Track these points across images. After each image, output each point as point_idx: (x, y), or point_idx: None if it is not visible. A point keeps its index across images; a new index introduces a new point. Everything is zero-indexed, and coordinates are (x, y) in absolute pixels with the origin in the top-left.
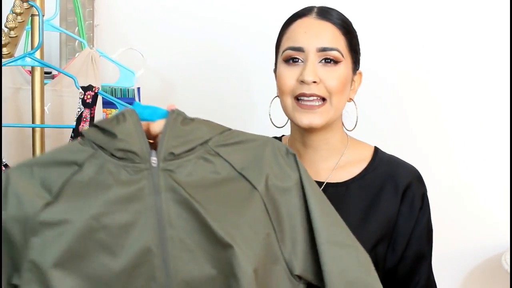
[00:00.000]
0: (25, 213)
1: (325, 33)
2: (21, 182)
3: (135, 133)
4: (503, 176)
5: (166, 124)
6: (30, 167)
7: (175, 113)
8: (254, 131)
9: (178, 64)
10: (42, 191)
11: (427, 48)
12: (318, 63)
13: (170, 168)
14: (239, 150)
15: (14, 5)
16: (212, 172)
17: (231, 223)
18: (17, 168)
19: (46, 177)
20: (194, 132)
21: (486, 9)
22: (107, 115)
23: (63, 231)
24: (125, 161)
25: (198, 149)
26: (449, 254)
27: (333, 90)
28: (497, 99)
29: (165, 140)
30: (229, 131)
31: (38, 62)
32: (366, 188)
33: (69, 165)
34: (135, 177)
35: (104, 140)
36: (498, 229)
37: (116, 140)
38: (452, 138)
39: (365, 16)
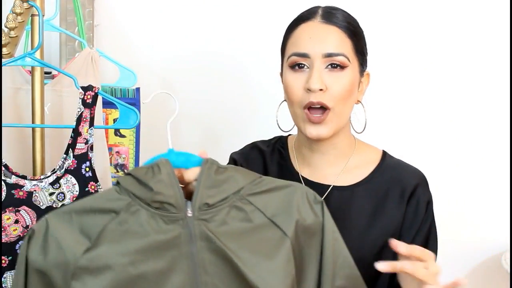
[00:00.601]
0: (66, 259)
1: (331, 38)
2: (61, 228)
3: (170, 185)
4: (503, 177)
5: (201, 174)
6: (69, 213)
7: (209, 162)
8: (254, 132)
9: (178, 64)
10: (81, 237)
11: (434, 49)
12: (324, 68)
13: (204, 217)
14: (270, 197)
15: (14, 5)
16: (245, 220)
17: (263, 269)
18: (56, 214)
19: (85, 224)
20: (228, 182)
21: (493, 10)
22: (107, 115)
23: (102, 277)
24: (161, 211)
25: (231, 198)
26: (449, 254)
27: (339, 98)
28: (497, 99)
29: (200, 190)
30: (260, 179)
31: (38, 62)
32: (372, 192)
33: (107, 212)
34: (171, 226)
35: (141, 191)
36: (498, 229)
37: (153, 192)
38: (452, 138)
39: (372, 17)
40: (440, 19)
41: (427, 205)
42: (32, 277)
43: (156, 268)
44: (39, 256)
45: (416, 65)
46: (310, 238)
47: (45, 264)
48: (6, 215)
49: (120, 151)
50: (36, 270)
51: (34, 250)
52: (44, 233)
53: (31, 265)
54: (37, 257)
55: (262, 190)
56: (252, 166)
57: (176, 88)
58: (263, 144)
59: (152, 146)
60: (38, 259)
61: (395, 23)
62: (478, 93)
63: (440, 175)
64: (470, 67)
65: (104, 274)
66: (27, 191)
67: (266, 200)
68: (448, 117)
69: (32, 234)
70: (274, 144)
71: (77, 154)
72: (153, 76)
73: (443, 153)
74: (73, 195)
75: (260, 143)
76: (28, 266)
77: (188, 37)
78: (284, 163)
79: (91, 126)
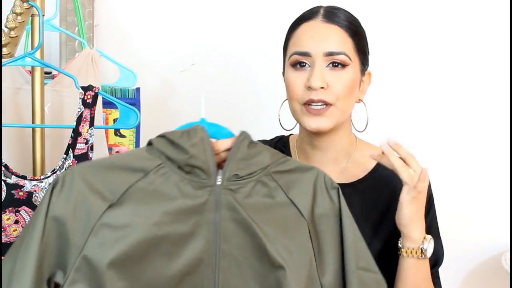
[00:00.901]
0: (88, 212)
1: (332, 37)
2: (86, 180)
3: (204, 151)
4: (503, 177)
5: (234, 146)
6: (96, 168)
7: (243, 135)
8: (256, 132)
9: (178, 64)
10: (106, 193)
11: (437, 49)
12: (325, 67)
13: (232, 187)
14: (292, 177)
15: (14, 5)
16: (268, 196)
17: (284, 246)
18: (82, 167)
19: (111, 180)
20: (257, 157)
21: (493, 11)
22: (107, 115)
23: (124, 235)
24: (191, 175)
25: (258, 173)
26: (449, 254)
27: (340, 95)
28: (497, 99)
29: (232, 161)
30: (284, 159)
31: (38, 62)
32: (373, 189)
33: (135, 171)
34: (199, 192)
35: (174, 153)
36: (498, 229)
37: (187, 155)
38: (452, 138)
39: (375, 17)
40: (442, 19)
41: (428, 200)
42: (49, 223)
43: (179, 232)
44: (61, 204)
45: (419, 65)
46: (326, 222)
47: (65, 213)
48: (6, 215)
49: (120, 151)
50: (54, 217)
51: (57, 198)
52: (69, 183)
53: (51, 211)
54: (59, 204)
55: (286, 169)
56: None
57: (176, 88)
58: (265, 143)
59: None
60: (59, 206)
61: (397, 22)
62: (478, 93)
63: (440, 175)
64: (471, 67)
65: (126, 232)
66: (27, 191)
67: (288, 179)
68: (448, 117)
69: (57, 182)
70: (276, 144)
71: (77, 154)
72: (153, 76)
73: (443, 153)
74: None
75: (262, 141)
76: (48, 211)
77: (188, 37)
78: None
79: (91, 126)
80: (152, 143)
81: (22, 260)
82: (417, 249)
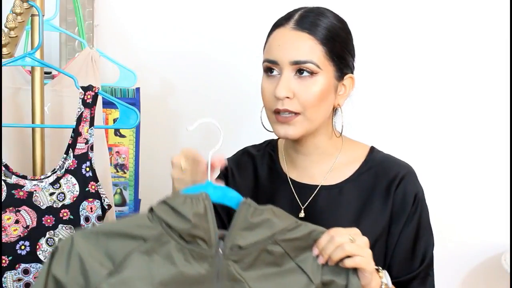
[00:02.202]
0: (88, 279)
1: (299, 45)
2: (86, 247)
3: (207, 221)
4: (503, 176)
5: (237, 215)
6: (96, 234)
7: (247, 203)
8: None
9: (178, 64)
10: (105, 260)
11: (433, 49)
12: (293, 75)
13: (234, 258)
14: (302, 244)
15: (14, 5)
16: (273, 264)
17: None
18: (82, 233)
19: (111, 247)
20: (262, 226)
21: (486, 9)
22: (107, 115)
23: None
24: (192, 245)
25: (263, 242)
26: (449, 254)
27: (308, 104)
28: (497, 99)
29: (234, 231)
30: (296, 225)
31: (38, 62)
32: (360, 188)
33: (135, 238)
34: (200, 262)
35: (175, 221)
36: (498, 229)
37: (189, 225)
38: (452, 138)
39: (366, 17)
40: (437, 18)
41: (415, 197)
42: (50, 286)
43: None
44: (61, 271)
45: (419, 65)
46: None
47: (66, 280)
48: (6, 215)
49: (120, 151)
50: (56, 284)
51: (57, 265)
52: (68, 250)
53: (52, 279)
54: (59, 272)
55: (295, 237)
56: (243, 171)
57: (176, 88)
58: (254, 148)
59: (152, 146)
60: (60, 274)
61: (391, 22)
62: (478, 93)
63: (440, 175)
64: (472, 67)
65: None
66: (28, 191)
67: (296, 245)
68: (449, 117)
69: (56, 250)
70: (265, 148)
71: (77, 154)
72: (153, 76)
73: (443, 153)
74: (73, 195)
75: (251, 147)
76: (48, 279)
77: (188, 37)
78: (273, 165)
79: (91, 126)
80: (154, 210)
81: None
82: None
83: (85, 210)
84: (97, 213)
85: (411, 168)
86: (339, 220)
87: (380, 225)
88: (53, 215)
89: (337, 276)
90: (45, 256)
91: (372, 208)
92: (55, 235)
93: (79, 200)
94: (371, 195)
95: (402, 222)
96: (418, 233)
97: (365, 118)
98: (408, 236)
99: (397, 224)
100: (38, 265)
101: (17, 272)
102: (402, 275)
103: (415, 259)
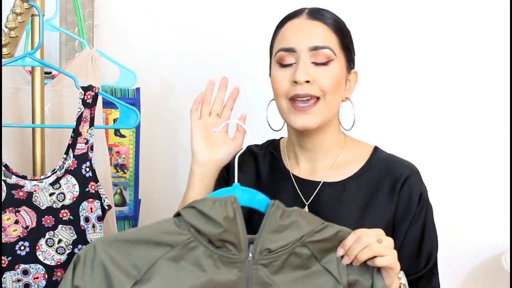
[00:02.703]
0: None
1: (316, 32)
2: (109, 255)
3: (237, 225)
4: (503, 176)
5: (266, 218)
6: (119, 242)
7: (275, 205)
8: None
9: (178, 64)
10: (131, 269)
11: (435, 48)
12: (310, 63)
13: (263, 262)
14: (326, 245)
15: (14, 5)
16: (301, 267)
17: None
18: (105, 241)
19: (135, 255)
20: (291, 228)
21: (487, 9)
22: (107, 115)
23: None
24: (221, 250)
25: (291, 245)
26: (449, 254)
27: (327, 89)
28: (497, 99)
29: (263, 234)
30: (323, 226)
31: (38, 62)
32: (363, 187)
33: (161, 245)
34: (229, 268)
35: (205, 226)
36: (498, 229)
37: (220, 229)
38: (452, 138)
39: (366, 16)
40: (438, 18)
41: (420, 196)
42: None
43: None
44: (84, 282)
45: (420, 65)
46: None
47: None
48: (6, 216)
49: (120, 151)
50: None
51: (80, 276)
52: (91, 259)
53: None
54: (82, 283)
55: (322, 238)
56: (245, 169)
57: (176, 88)
58: (256, 147)
59: (152, 146)
60: (83, 285)
61: (393, 21)
62: (479, 93)
63: (440, 175)
64: (472, 67)
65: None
66: (27, 191)
67: (323, 246)
68: (449, 118)
69: (78, 260)
70: (267, 147)
71: (77, 154)
72: (153, 76)
73: (444, 154)
74: (73, 195)
75: (254, 146)
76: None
77: (188, 36)
78: (276, 163)
79: (91, 126)
80: (181, 215)
81: None
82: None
83: (85, 211)
84: (97, 214)
85: (416, 168)
86: (343, 216)
87: (383, 223)
88: (53, 215)
89: (362, 276)
90: (45, 256)
91: (375, 206)
92: (54, 236)
93: (79, 201)
94: (375, 194)
95: (408, 222)
96: (424, 233)
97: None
98: (414, 235)
99: (403, 223)
100: (38, 266)
101: (16, 273)
102: (409, 275)
103: (421, 258)
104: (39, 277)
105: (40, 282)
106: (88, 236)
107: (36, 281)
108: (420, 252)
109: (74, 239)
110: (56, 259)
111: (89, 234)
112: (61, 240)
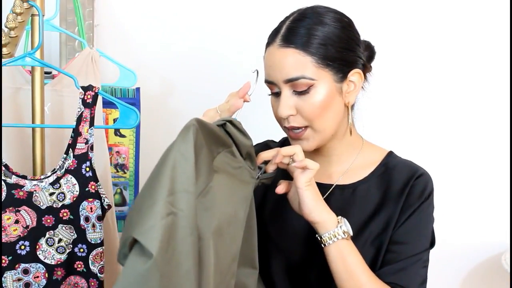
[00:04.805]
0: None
1: (288, 62)
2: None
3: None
4: (503, 177)
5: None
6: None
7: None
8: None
9: (178, 64)
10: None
11: (438, 49)
12: (292, 93)
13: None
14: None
15: (14, 5)
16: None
17: None
18: (200, 122)
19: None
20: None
21: (487, 9)
22: (107, 115)
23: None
24: (246, 162)
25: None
26: (449, 254)
27: (312, 118)
28: (497, 101)
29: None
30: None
31: (38, 62)
32: (374, 190)
33: (223, 145)
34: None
35: (241, 137)
36: (498, 229)
37: (251, 142)
38: (452, 138)
39: (377, 17)
40: (443, 20)
41: (429, 195)
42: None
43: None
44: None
45: (420, 66)
46: None
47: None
48: (6, 215)
49: (120, 151)
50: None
51: (183, 139)
52: (194, 130)
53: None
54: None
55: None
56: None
57: (176, 88)
58: (273, 143)
59: (152, 146)
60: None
61: (400, 23)
62: (479, 93)
63: (440, 175)
64: (472, 67)
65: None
66: (27, 191)
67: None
68: (449, 118)
69: (189, 127)
70: (283, 144)
71: (77, 154)
72: (153, 76)
73: (444, 154)
74: (73, 195)
75: (271, 142)
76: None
77: (188, 37)
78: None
79: (91, 126)
80: (225, 123)
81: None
82: (338, 231)
83: (85, 210)
84: (97, 213)
85: (427, 174)
86: (352, 219)
87: (390, 226)
88: (53, 215)
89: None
90: (45, 256)
91: (385, 209)
92: (55, 235)
93: (79, 200)
94: (385, 197)
95: (409, 212)
96: (420, 229)
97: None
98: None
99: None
100: (38, 265)
101: (17, 272)
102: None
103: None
104: (40, 276)
105: (40, 281)
106: (88, 235)
107: (37, 280)
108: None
109: (74, 239)
110: (56, 258)
111: (89, 234)
112: (61, 240)
